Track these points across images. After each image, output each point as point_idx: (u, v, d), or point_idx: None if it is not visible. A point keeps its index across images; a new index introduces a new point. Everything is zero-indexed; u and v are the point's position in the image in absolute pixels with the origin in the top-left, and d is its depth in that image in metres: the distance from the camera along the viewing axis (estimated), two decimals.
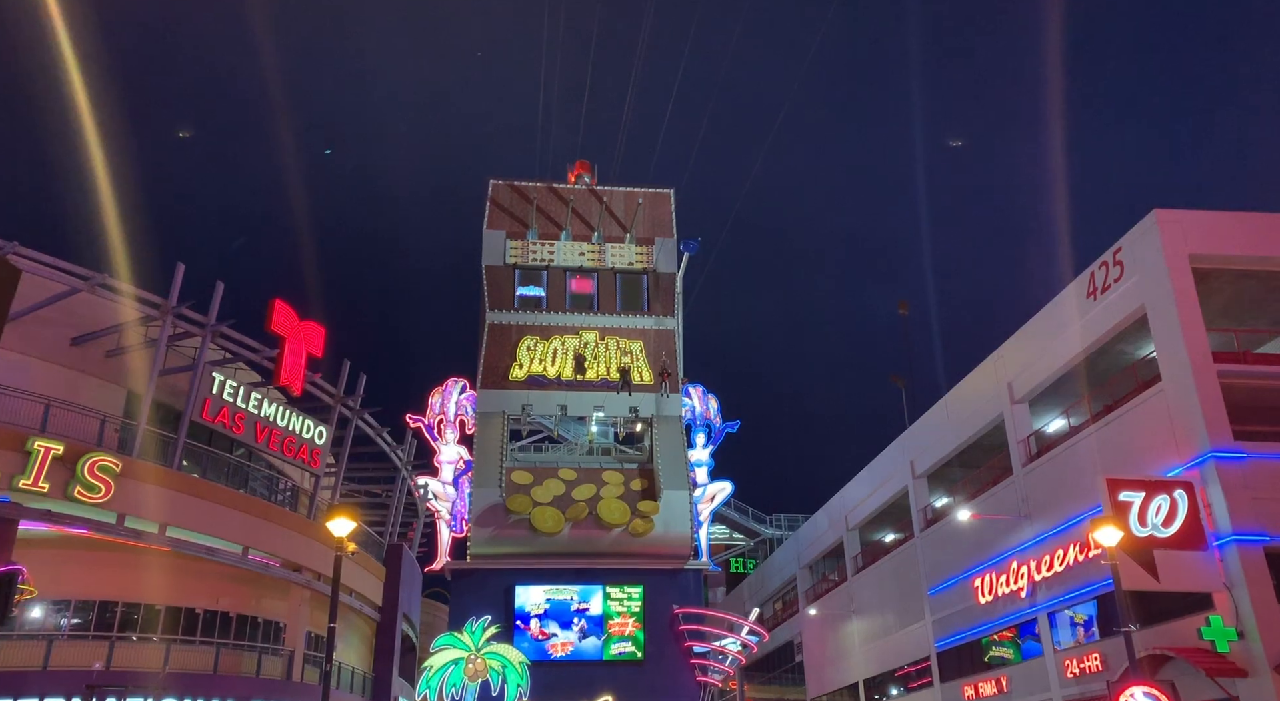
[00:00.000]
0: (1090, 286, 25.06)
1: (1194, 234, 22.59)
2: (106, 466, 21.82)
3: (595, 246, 39.75)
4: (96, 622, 23.34)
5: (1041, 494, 26.71)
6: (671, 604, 34.32)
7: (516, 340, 37.39)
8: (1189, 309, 21.78)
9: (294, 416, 28.78)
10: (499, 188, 40.16)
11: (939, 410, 33.59)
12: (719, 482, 37.46)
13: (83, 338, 24.33)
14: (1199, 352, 21.36)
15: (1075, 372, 26.27)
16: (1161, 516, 20.34)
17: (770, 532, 57.06)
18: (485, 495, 34.13)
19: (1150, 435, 22.54)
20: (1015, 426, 28.33)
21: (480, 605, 32.70)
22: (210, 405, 25.77)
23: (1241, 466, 20.41)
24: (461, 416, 36.64)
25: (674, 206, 41.13)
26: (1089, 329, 24.97)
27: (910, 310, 46.67)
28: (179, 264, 24.64)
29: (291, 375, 27.20)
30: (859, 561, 40.39)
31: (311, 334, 28.23)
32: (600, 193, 40.69)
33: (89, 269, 23.76)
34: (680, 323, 39.71)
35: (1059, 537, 25.17)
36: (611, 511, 34.56)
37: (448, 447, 35.95)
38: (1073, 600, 24.91)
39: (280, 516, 28.05)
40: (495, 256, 38.71)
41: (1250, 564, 19.51)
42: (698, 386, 39.34)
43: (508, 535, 33.92)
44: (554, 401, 37.19)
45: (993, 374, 29.76)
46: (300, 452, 28.91)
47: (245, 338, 26.98)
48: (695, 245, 39.10)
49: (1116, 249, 24.09)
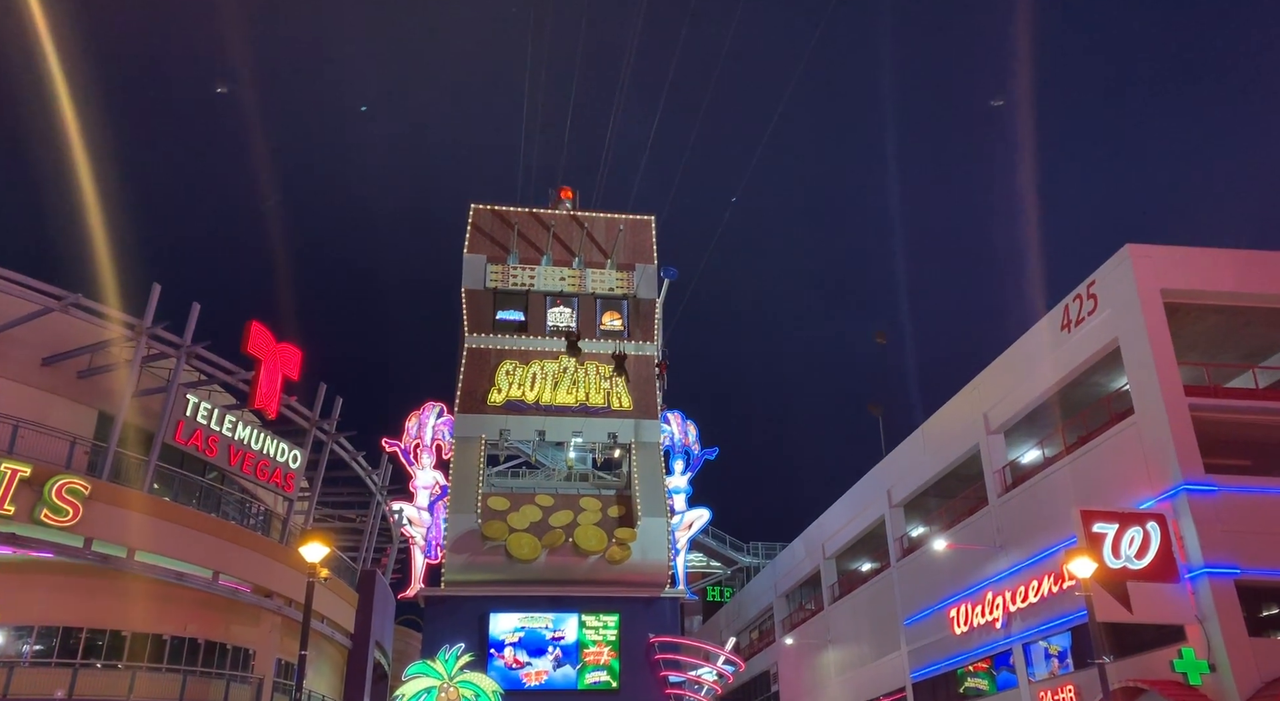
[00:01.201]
0: (1064, 319, 25.36)
1: (1166, 269, 22.95)
2: (75, 489, 21.48)
3: (576, 272, 39.78)
4: (60, 649, 22.84)
5: (1017, 524, 26.84)
6: (647, 632, 34.03)
7: (495, 364, 37.25)
8: (1161, 343, 22.07)
9: (268, 439, 28.49)
10: (480, 212, 40.18)
11: (916, 439, 33.75)
12: (697, 510, 37.30)
13: (54, 358, 24.03)
14: (1171, 386, 21.63)
15: (1050, 404, 26.51)
16: (1135, 548, 20.49)
17: (747, 561, 56.84)
18: (461, 521, 33.81)
19: (1123, 467, 22.74)
20: (991, 456, 28.49)
21: (454, 633, 32.27)
22: (184, 427, 25.46)
23: (1213, 499, 20.63)
24: (438, 441, 36.35)
25: (655, 233, 41.32)
26: (1063, 361, 25.24)
27: (888, 340, 47.01)
28: (155, 285, 24.46)
29: (267, 398, 26.97)
30: (836, 590, 40.32)
31: (288, 356, 28.03)
32: (581, 218, 40.79)
33: (63, 289, 23.53)
34: (660, 349, 39.74)
35: (1034, 568, 25.27)
36: (589, 538, 34.31)
37: (424, 472, 35.63)
38: (1047, 631, 24.96)
39: (252, 541, 27.67)
40: (475, 280, 38.63)
41: (1222, 596, 19.66)
42: (676, 412, 39.27)
43: (483, 562, 33.58)
44: (532, 426, 36.98)
45: (969, 404, 29.97)
46: (274, 476, 28.59)
47: (220, 359, 26.76)
48: (675, 272, 39.22)
49: (1090, 283, 24.42)
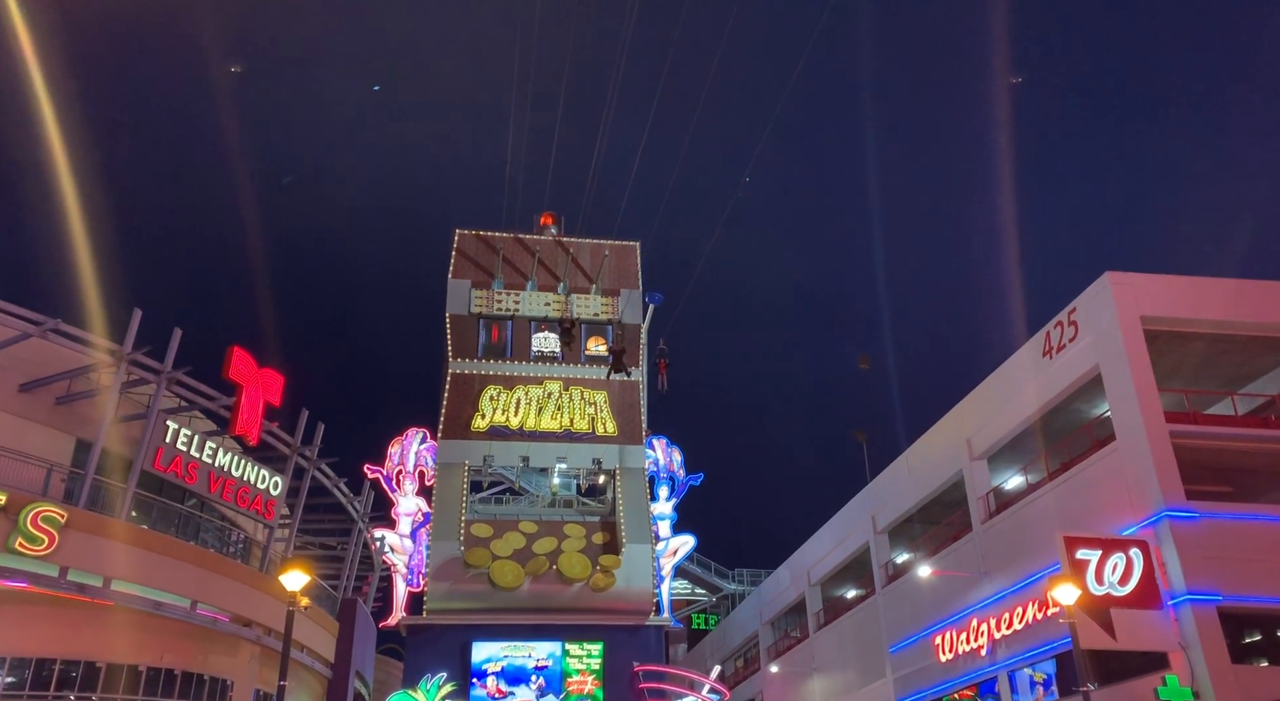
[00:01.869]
0: (1046, 346, 25.55)
1: (1145, 296, 23.20)
2: (50, 517, 21.16)
3: (561, 297, 39.81)
4: (33, 681, 22.38)
5: (1000, 550, 26.85)
6: (632, 661, 33.74)
7: (479, 390, 37.13)
8: (1141, 369, 22.25)
9: (249, 466, 28.22)
10: (465, 237, 40.24)
11: (900, 465, 33.79)
12: (682, 536, 37.15)
13: (32, 384, 23.76)
14: (1152, 413, 21.78)
15: (1032, 430, 26.64)
16: (1118, 574, 20.53)
17: (732, 588, 56.57)
18: (444, 548, 33.52)
19: (1106, 493, 22.83)
20: (974, 483, 28.55)
21: (436, 662, 31.92)
22: (163, 454, 25.19)
23: (1194, 525, 20.72)
24: (421, 467, 36.12)
25: (640, 258, 41.45)
26: (1045, 387, 25.39)
27: (871, 365, 47.20)
28: (136, 310, 24.27)
29: (248, 424, 26.74)
30: (821, 618, 40.14)
31: (269, 382, 27.83)
32: (567, 244, 40.89)
33: (42, 314, 23.32)
34: (645, 374, 39.72)
35: (1018, 595, 25.25)
36: (573, 565, 34.07)
37: (406, 499, 35.37)
38: (1032, 658, 24.90)
39: (231, 569, 27.32)
40: (460, 305, 38.61)
41: (1204, 623, 19.70)
42: (661, 438, 39.20)
43: (466, 589, 33.26)
44: (516, 452, 36.82)
45: (952, 430, 30.06)
46: (254, 503, 28.29)
47: (201, 385, 26.54)
48: (660, 297, 39.31)
49: (1071, 310, 24.64)
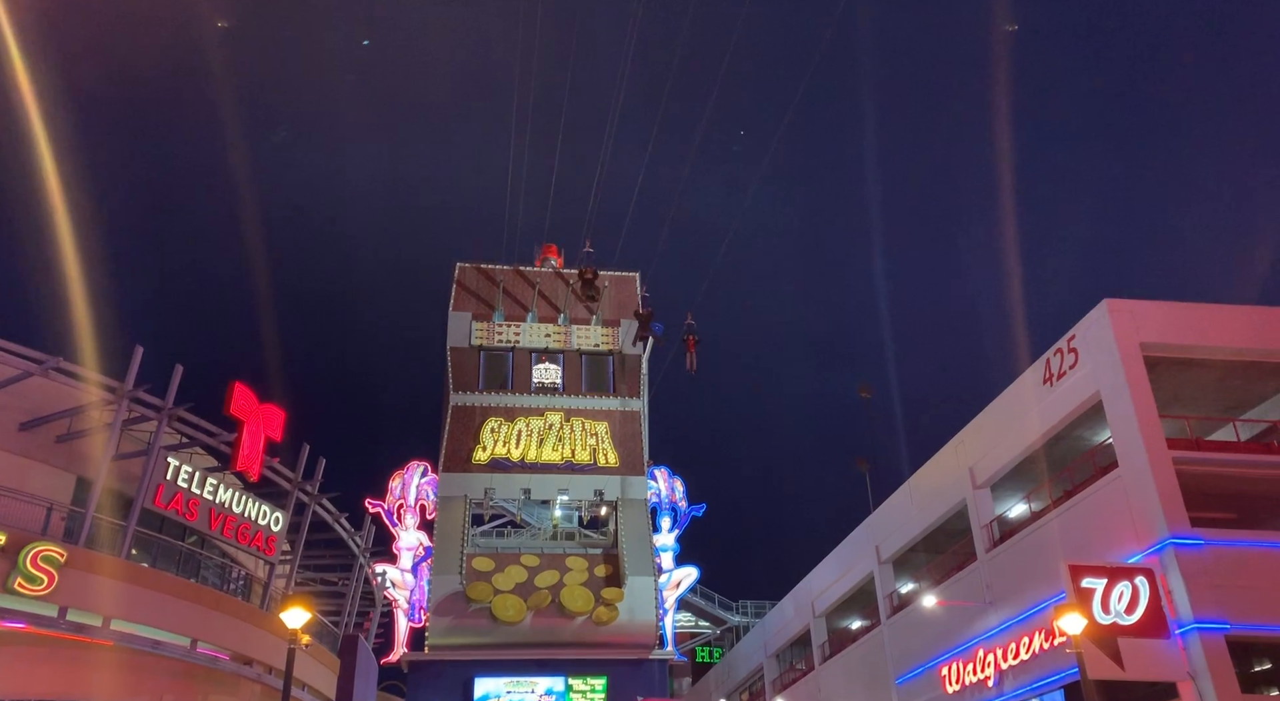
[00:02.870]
0: (1046, 373, 25.55)
1: (1144, 323, 23.23)
2: (50, 556, 21.05)
3: (561, 328, 39.91)
4: None
5: (1005, 580, 26.65)
6: (636, 695, 33.43)
7: (480, 422, 37.10)
8: (1142, 396, 22.23)
9: (250, 501, 28.13)
10: (466, 270, 40.42)
11: (903, 494, 33.65)
12: (684, 568, 36.96)
13: (33, 422, 23.76)
14: (1154, 439, 21.72)
15: (1035, 458, 26.55)
16: (1124, 603, 20.36)
17: (736, 620, 56.09)
18: (445, 582, 33.32)
19: (1110, 520, 22.71)
20: (978, 511, 28.42)
21: (438, 698, 31.67)
22: (164, 491, 25.12)
23: (1200, 553, 20.59)
24: (422, 500, 36.01)
25: (639, 289, 41.57)
26: (1046, 415, 25.35)
27: (873, 393, 47.18)
28: (137, 347, 24.32)
29: (249, 460, 26.69)
30: (826, 649, 39.75)
31: (271, 417, 27.81)
32: (566, 275, 41.03)
33: (43, 352, 23.38)
34: (646, 404, 39.70)
35: (1024, 624, 25.03)
36: (575, 599, 33.85)
37: (407, 533, 35.23)
38: (1040, 689, 24.62)
39: (232, 606, 27.12)
40: (461, 338, 38.71)
41: (1213, 652, 19.51)
42: (663, 468, 39.13)
43: (468, 624, 33.02)
44: (517, 484, 36.73)
45: (955, 458, 29.97)
46: (255, 540, 28.16)
47: (202, 421, 26.52)
48: (661, 327, 39.40)
49: (1070, 337, 24.66)
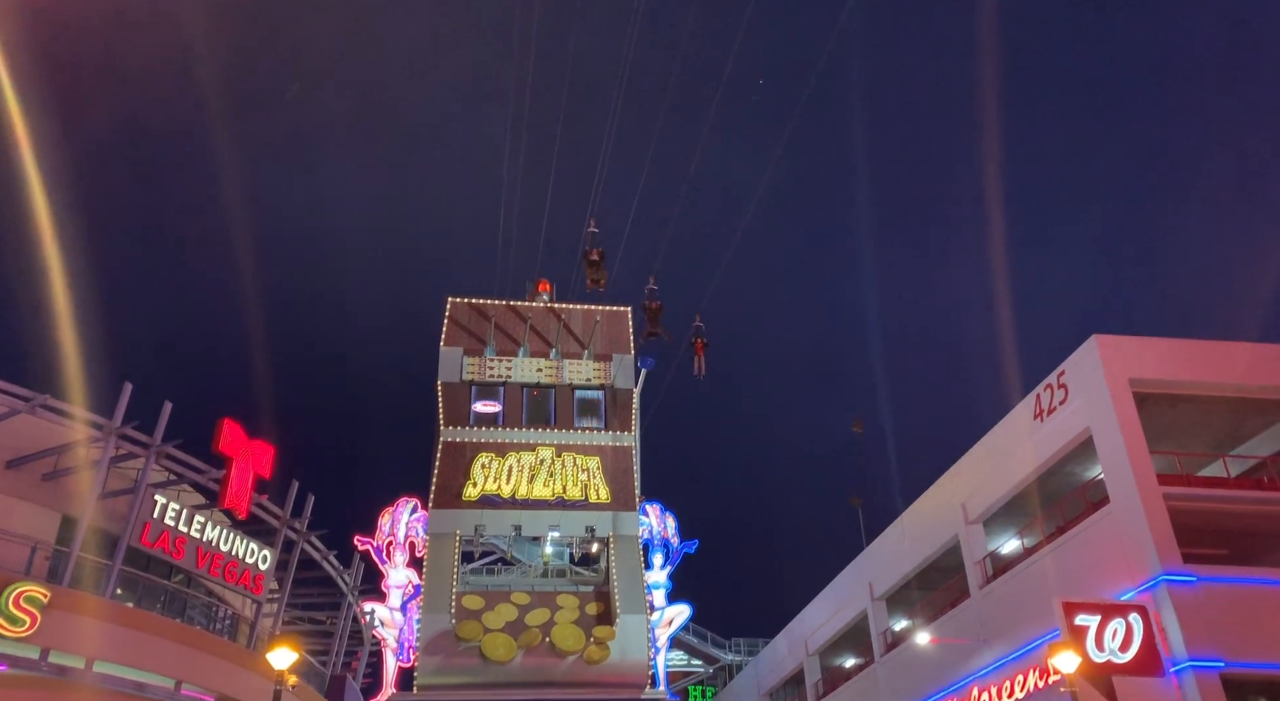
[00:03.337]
0: (1037, 408, 25.61)
1: (1133, 359, 23.37)
2: (33, 597, 20.78)
3: (553, 363, 39.80)
4: None
5: (999, 616, 26.48)
6: None
7: (471, 458, 36.85)
8: (1132, 432, 22.28)
9: (238, 539, 27.89)
10: (457, 305, 40.37)
11: (896, 530, 33.52)
12: (677, 606, 36.47)
13: (18, 460, 23.55)
14: (1144, 475, 21.75)
15: (1027, 493, 26.53)
16: (1118, 641, 20.24)
17: (730, 658, 55.45)
18: (434, 621, 32.87)
19: (1103, 557, 22.64)
20: (971, 547, 28.31)
21: None
22: (150, 529, 24.89)
23: (1193, 589, 20.52)
24: (412, 537, 35.61)
25: (631, 324, 41.60)
26: (1038, 450, 25.37)
27: (865, 428, 47.19)
28: (126, 384, 24.23)
29: (237, 497, 26.49)
30: (820, 688, 39.34)
31: (260, 453, 27.65)
32: (559, 310, 41.03)
33: (30, 389, 23.25)
34: (638, 440, 39.53)
35: (1018, 662, 24.82)
36: (566, 637, 33.37)
37: (396, 571, 34.77)
38: None
39: (218, 647, 26.77)
40: (451, 373, 38.50)
41: (1207, 690, 19.37)
42: (655, 504, 38.79)
43: (457, 664, 32.53)
44: (508, 521, 36.32)
45: (947, 494, 29.92)
46: (242, 578, 27.88)
47: (191, 458, 26.35)
48: (652, 362, 39.32)
49: (1060, 372, 24.76)
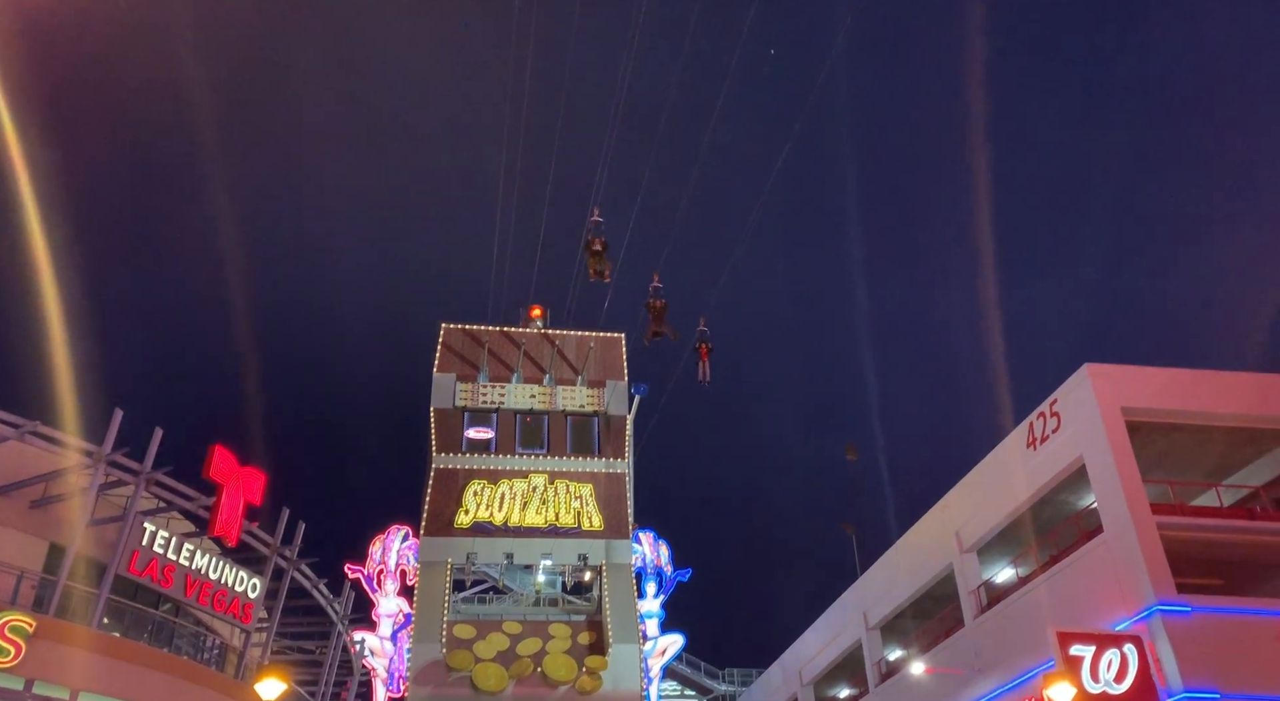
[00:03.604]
0: (1029, 436, 25.60)
1: (1125, 388, 23.39)
2: (18, 627, 20.58)
3: (546, 389, 39.70)
4: None
5: (994, 646, 26.31)
6: None
7: (464, 485, 36.63)
8: (1125, 460, 22.26)
9: (227, 567, 27.65)
10: (451, 331, 40.29)
11: (890, 559, 33.36)
12: (670, 635, 36.08)
13: (7, 487, 23.40)
14: (1138, 504, 21.70)
15: (1021, 521, 26.45)
16: (1113, 672, 20.09)
17: (723, 688, 54.94)
18: (425, 650, 32.48)
19: (1097, 586, 22.54)
20: (965, 576, 28.17)
21: None
22: (139, 557, 24.67)
23: (1188, 620, 20.41)
24: (403, 565, 35.26)
25: (625, 350, 41.63)
26: (1031, 479, 25.33)
27: (859, 455, 47.09)
28: (116, 410, 24.12)
29: (227, 525, 26.29)
30: None
31: (251, 480, 27.48)
32: (552, 336, 41.05)
33: (20, 416, 23.13)
34: (632, 466, 39.41)
35: (1014, 693, 24.62)
36: (558, 667, 32.96)
37: (387, 600, 34.39)
38: None
39: (206, 677, 26.47)
40: (444, 399, 38.33)
41: None
42: (648, 532, 38.56)
43: (448, 694, 32.08)
44: (500, 549, 35.94)
45: (941, 522, 29.82)
46: (231, 607, 27.60)
47: (180, 485, 26.20)
48: (645, 389, 39.26)
49: (1052, 401, 24.78)
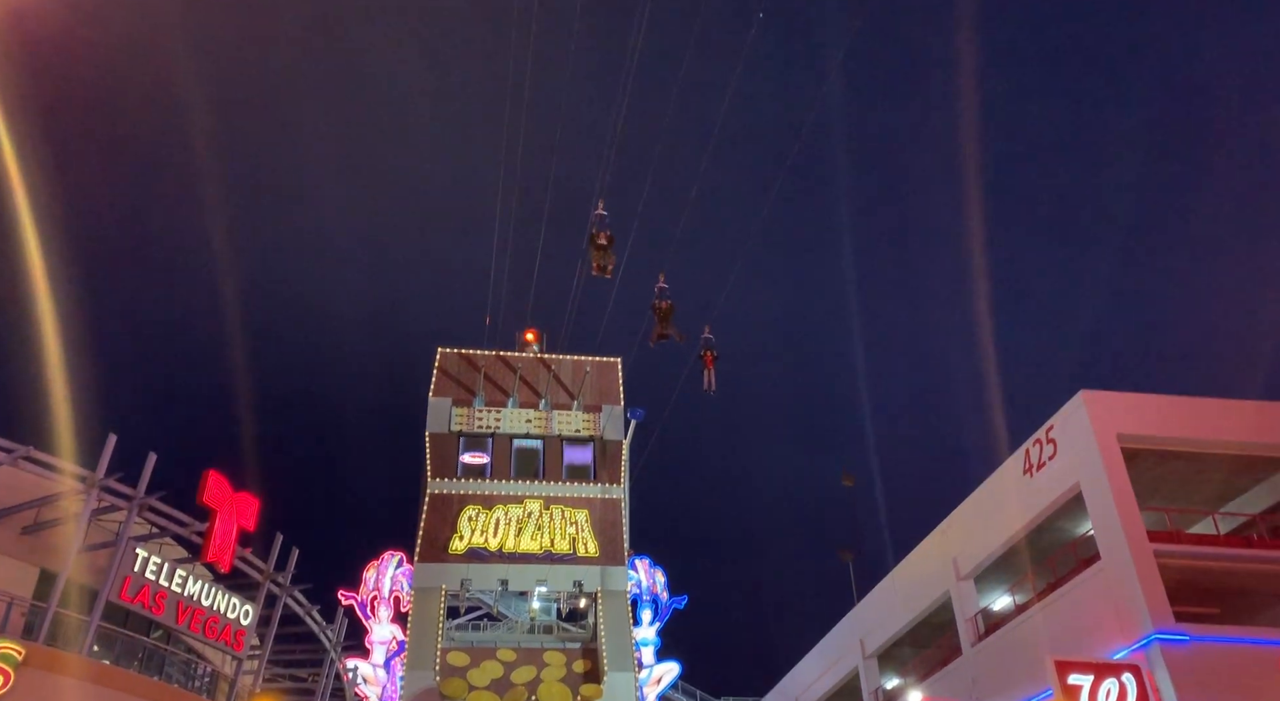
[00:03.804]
0: (1026, 463, 25.59)
1: (1121, 415, 23.44)
2: (7, 655, 20.34)
3: (542, 414, 39.63)
4: None
5: (992, 674, 26.14)
6: None
7: (459, 510, 36.50)
8: (1121, 488, 22.26)
9: (219, 594, 27.42)
10: (447, 356, 40.30)
11: (887, 586, 33.22)
12: (666, 663, 35.85)
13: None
14: (1135, 531, 21.68)
15: (1018, 549, 26.39)
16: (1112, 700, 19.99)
17: None
18: (419, 678, 32.22)
19: (1095, 614, 22.45)
20: (962, 604, 28.05)
21: None
22: (130, 584, 24.45)
23: (1185, 649, 20.33)
24: (397, 592, 35.04)
25: (621, 375, 41.59)
26: (1028, 506, 25.30)
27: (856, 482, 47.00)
28: (110, 435, 23.99)
29: (220, 550, 26.10)
30: None
31: (244, 506, 27.31)
32: (548, 361, 41.01)
33: (13, 441, 23.02)
34: (628, 491, 39.25)
35: None
36: (552, 696, 32.70)
37: (380, 627, 34.17)
38: None
39: None
40: (440, 424, 38.27)
41: None
42: (644, 558, 38.38)
43: None
44: (494, 575, 35.80)
45: (938, 549, 29.72)
46: (223, 634, 27.34)
47: (173, 511, 26.03)
48: (641, 413, 39.20)
49: (1048, 427, 24.80)
